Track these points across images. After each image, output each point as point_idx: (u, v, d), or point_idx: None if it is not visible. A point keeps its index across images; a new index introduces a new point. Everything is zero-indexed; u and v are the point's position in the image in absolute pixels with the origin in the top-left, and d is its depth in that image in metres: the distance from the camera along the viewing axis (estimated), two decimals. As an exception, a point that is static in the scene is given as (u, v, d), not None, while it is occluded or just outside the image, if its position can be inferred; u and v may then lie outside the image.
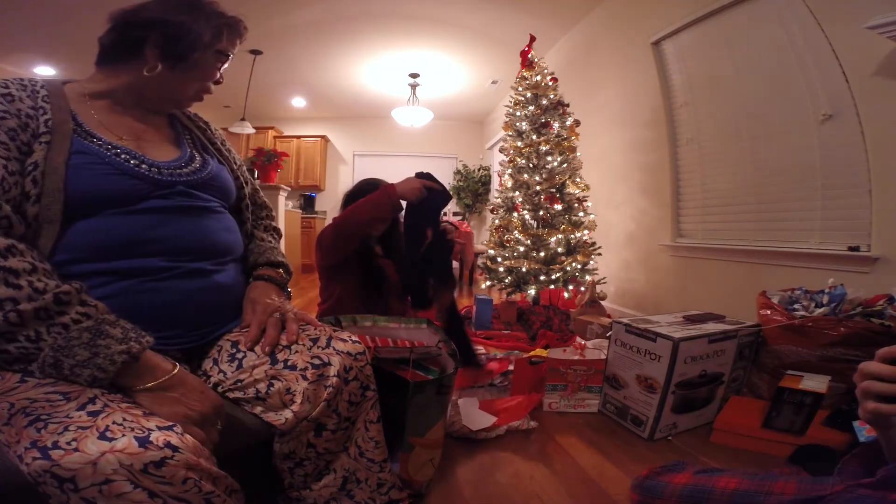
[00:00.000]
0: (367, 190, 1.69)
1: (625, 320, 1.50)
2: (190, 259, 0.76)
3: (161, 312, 0.71)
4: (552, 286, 2.79)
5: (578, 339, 1.94)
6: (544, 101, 2.90)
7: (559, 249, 2.77)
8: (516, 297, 2.92)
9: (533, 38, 3.06)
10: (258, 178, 4.31)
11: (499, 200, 3.07)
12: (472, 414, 1.35)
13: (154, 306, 0.71)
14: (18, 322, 0.54)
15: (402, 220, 1.51)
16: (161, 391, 0.60)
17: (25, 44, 4.07)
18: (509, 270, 2.86)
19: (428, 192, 1.41)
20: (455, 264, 5.34)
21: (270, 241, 0.99)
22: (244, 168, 1.01)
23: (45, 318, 0.56)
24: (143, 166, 0.75)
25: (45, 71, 4.65)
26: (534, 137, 2.87)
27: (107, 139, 0.74)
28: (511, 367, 1.74)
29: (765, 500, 0.68)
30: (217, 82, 0.86)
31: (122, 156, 0.73)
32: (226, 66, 0.87)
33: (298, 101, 6.51)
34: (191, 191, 0.79)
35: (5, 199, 0.62)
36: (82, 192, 0.67)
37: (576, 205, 2.84)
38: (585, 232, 2.81)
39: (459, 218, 5.86)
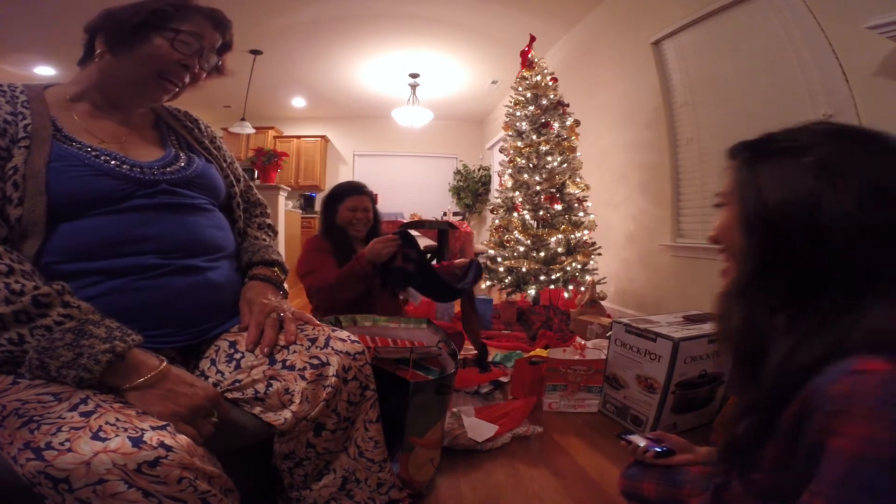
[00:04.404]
0: (345, 191, 1.77)
1: (625, 320, 1.49)
2: (180, 256, 0.75)
3: (152, 310, 0.71)
4: (552, 286, 2.79)
5: (578, 339, 1.94)
6: (544, 101, 2.89)
7: (559, 249, 2.77)
8: (516, 297, 2.91)
9: (533, 38, 3.06)
10: (258, 178, 4.30)
11: (499, 200, 3.07)
12: (475, 425, 1.33)
13: (145, 304, 0.70)
14: None
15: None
16: (148, 388, 0.59)
17: (25, 44, 4.06)
18: (509, 270, 2.86)
19: (403, 241, 1.55)
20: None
21: (265, 240, 0.98)
22: (235, 165, 1.01)
23: (26, 321, 0.55)
24: (125, 167, 0.74)
25: (45, 71, 4.65)
26: (534, 137, 2.87)
27: (87, 142, 0.74)
28: (503, 379, 1.72)
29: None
30: (184, 66, 0.79)
31: (102, 157, 0.73)
32: (192, 46, 0.78)
33: (298, 101, 6.51)
34: (175, 189, 0.79)
35: None
36: (64, 195, 0.67)
37: (576, 205, 2.83)
38: (585, 232, 2.81)
39: (459, 218, 5.86)
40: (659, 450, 0.85)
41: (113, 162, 0.74)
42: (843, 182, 0.46)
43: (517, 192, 2.92)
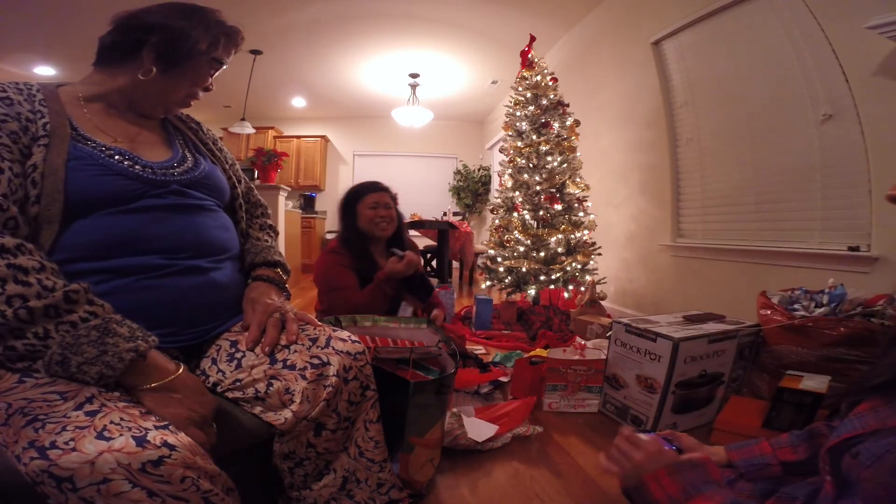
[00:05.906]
0: (362, 189, 1.73)
1: (625, 320, 1.49)
2: (186, 256, 0.76)
3: (157, 310, 0.72)
4: (552, 286, 2.80)
5: (578, 339, 1.94)
6: (544, 101, 2.90)
7: (559, 249, 2.78)
8: (516, 297, 2.92)
9: (533, 38, 3.07)
10: (258, 178, 4.31)
11: (499, 200, 3.07)
12: (475, 425, 1.33)
13: (150, 303, 0.71)
14: (27, 319, 0.55)
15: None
16: (165, 392, 0.60)
17: (25, 44, 4.07)
18: (509, 270, 2.87)
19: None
20: (455, 264, 5.35)
21: (267, 241, 1.00)
22: (237, 167, 1.02)
23: (54, 316, 0.56)
24: (137, 167, 0.75)
25: (45, 71, 4.65)
26: (534, 137, 2.87)
27: (101, 141, 0.75)
28: (503, 379, 1.72)
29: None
30: (206, 89, 0.87)
31: (116, 157, 0.74)
32: (217, 74, 0.88)
33: (298, 101, 6.51)
34: (184, 189, 0.80)
35: (12, 200, 0.62)
36: (78, 193, 0.68)
37: (576, 205, 2.84)
38: (585, 232, 2.81)
39: (459, 218, 5.86)
40: None
41: (126, 162, 0.75)
42: None
43: (517, 192, 2.92)
